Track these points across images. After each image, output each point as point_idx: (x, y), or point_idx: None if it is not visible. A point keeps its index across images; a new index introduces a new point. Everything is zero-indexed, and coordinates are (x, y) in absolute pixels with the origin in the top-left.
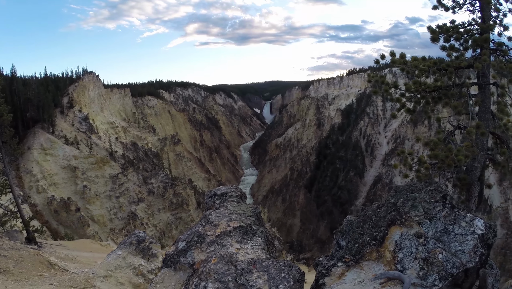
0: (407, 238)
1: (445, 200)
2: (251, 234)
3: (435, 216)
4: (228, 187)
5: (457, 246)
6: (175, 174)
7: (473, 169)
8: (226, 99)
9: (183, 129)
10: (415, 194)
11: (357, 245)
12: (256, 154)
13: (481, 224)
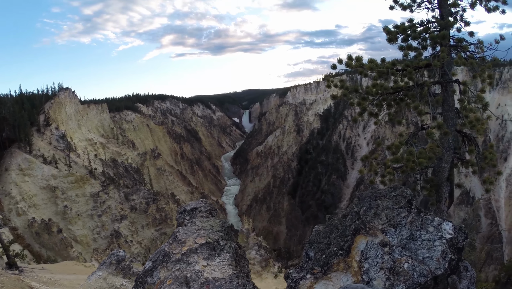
0: (372, 247)
1: (410, 205)
2: (219, 249)
3: (400, 222)
4: (198, 202)
5: (425, 253)
6: (157, 189)
7: (441, 170)
8: (204, 110)
9: (162, 142)
10: (377, 201)
11: (324, 256)
12: (237, 164)
13: (449, 227)
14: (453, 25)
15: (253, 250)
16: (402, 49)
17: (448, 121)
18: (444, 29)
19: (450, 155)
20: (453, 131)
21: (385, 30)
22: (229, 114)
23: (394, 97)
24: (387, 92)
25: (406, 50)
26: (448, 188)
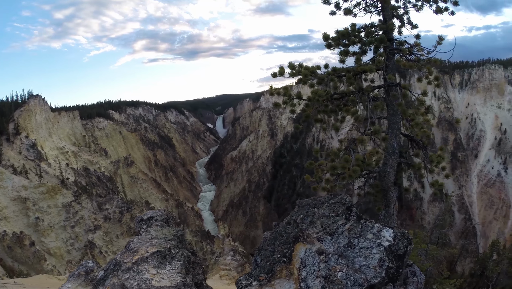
0: (310, 255)
1: (349, 212)
2: (170, 258)
3: (337, 230)
4: (155, 211)
5: (362, 261)
6: (130, 197)
7: (386, 174)
8: (178, 116)
9: (136, 150)
10: (314, 209)
11: (269, 263)
12: (212, 169)
13: (389, 234)
14: (393, 28)
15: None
16: (341, 55)
17: (392, 126)
18: (385, 32)
19: (395, 160)
20: (398, 136)
21: (323, 36)
22: (202, 120)
23: (337, 103)
24: (328, 99)
25: (342, 56)
26: (397, 192)
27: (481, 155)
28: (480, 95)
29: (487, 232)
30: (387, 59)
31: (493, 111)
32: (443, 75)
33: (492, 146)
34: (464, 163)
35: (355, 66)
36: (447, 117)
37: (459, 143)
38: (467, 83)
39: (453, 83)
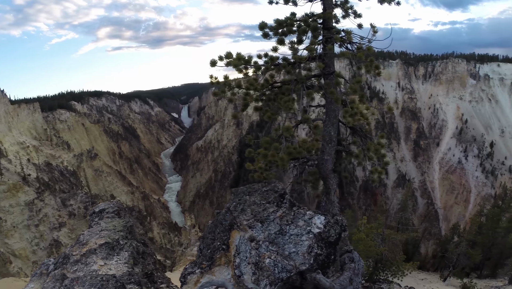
0: (243, 242)
1: (282, 199)
2: (118, 249)
3: (268, 217)
4: (107, 203)
5: (291, 248)
6: (95, 191)
7: (323, 162)
8: (142, 106)
9: (99, 142)
10: (246, 197)
11: (209, 251)
12: (178, 160)
13: (320, 221)
14: (332, 16)
15: (195, 246)
16: (277, 44)
17: (330, 114)
18: (324, 21)
19: (332, 147)
20: (336, 124)
21: (259, 25)
22: (167, 109)
23: (275, 92)
24: (267, 87)
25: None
26: (336, 180)
27: (442, 143)
28: (443, 87)
29: (449, 216)
30: (324, 48)
31: (455, 102)
32: (408, 67)
33: (453, 134)
34: (426, 150)
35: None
36: (410, 107)
37: (422, 132)
38: (431, 75)
39: (417, 75)
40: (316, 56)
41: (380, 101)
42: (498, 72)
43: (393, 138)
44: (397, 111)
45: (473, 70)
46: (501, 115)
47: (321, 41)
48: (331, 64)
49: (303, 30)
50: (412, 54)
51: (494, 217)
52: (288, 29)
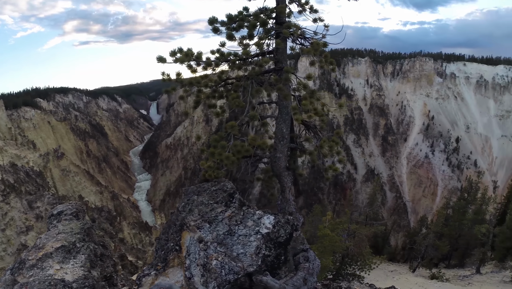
0: (193, 244)
1: (231, 198)
2: (75, 252)
3: (216, 218)
4: (65, 205)
5: (240, 249)
6: (63, 192)
7: (276, 160)
8: (110, 103)
9: (66, 140)
10: (194, 197)
11: (163, 252)
12: (147, 158)
13: (269, 221)
14: (284, 11)
15: None
16: (227, 39)
17: (282, 110)
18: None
19: (285, 145)
20: (288, 120)
21: (209, 20)
22: (136, 106)
23: (227, 88)
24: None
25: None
26: (291, 177)
27: (410, 139)
28: (410, 84)
29: (417, 208)
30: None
31: (422, 99)
32: (376, 65)
33: (420, 130)
34: (394, 146)
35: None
36: (378, 104)
37: (390, 128)
38: (399, 73)
39: (386, 73)
40: (265, 52)
41: (349, 98)
42: (464, 71)
43: (361, 134)
44: (366, 108)
45: (440, 69)
46: (466, 112)
47: (272, 36)
48: (283, 59)
49: (252, 25)
50: (381, 53)
51: (460, 209)
52: (239, 24)
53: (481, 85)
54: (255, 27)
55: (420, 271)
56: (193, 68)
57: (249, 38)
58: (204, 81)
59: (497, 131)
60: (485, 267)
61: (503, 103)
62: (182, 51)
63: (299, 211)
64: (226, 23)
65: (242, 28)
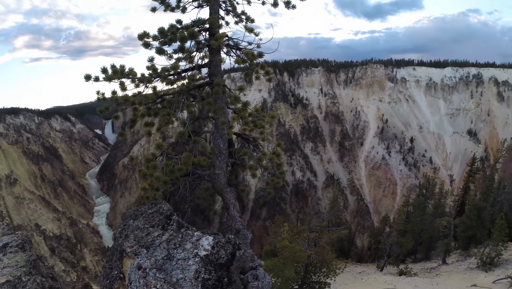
0: (132, 271)
1: (169, 220)
2: (21, 287)
3: (154, 242)
4: (10, 236)
5: (179, 274)
6: (18, 221)
7: (216, 177)
8: (63, 123)
9: (18, 165)
10: (130, 221)
11: (108, 281)
12: (104, 180)
13: (208, 242)
14: (216, 22)
15: None
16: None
17: (218, 126)
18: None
19: (223, 160)
20: (224, 135)
21: (139, 35)
22: (90, 126)
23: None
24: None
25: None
26: (234, 194)
27: (366, 143)
28: (363, 90)
29: (379, 209)
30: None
31: (375, 104)
32: (330, 74)
33: (375, 134)
34: (351, 150)
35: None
36: (333, 111)
37: (346, 134)
38: (352, 81)
39: (339, 81)
40: (200, 65)
41: (304, 107)
42: (414, 75)
43: (318, 142)
44: (321, 116)
45: (391, 74)
46: (418, 113)
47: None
48: (217, 72)
49: (182, 38)
50: (333, 62)
51: (420, 205)
52: (170, 37)
53: (431, 87)
54: (184, 40)
55: (388, 269)
56: (124, 86)
57: (181, 52)
58: (139, 98)
59: (448, 128)
60: (450, 257)
61: (453, 102)
62: (115, 67)
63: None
64: (158, 37)
65: (174, 41)
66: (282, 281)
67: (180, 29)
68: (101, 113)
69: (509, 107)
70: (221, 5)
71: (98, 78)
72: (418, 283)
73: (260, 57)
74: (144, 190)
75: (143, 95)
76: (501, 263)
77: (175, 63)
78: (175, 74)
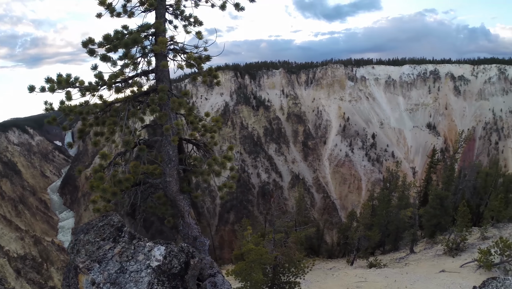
0: (87, 287)
1: (120, 232)
2: None
3: (105, 256)
4: None
5: (133, 287)
6: None
7: (167, 185)
8: (21, 136)
9: None
10: (81, 236)
11: None
12: (67, 193)
13: (160, 253)
14: (161, 26)
15: None
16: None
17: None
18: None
19: (173, 168)
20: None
21: (83, 43)
22: (49, 137)
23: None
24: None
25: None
26: (188, 201)
27: (329, 141)
28: (324, 90)
29: (345, 204)
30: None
31: (336, 103)
32: (291, 75)
33: (338, 132)
34: (315, 149)
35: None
36: (295, 112)
37: (309, 133)
38: (312, 81)
39: (300, 82)
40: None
41: (266, 109)
42: (373, 73)
43: (282, 143)
44: (284, 117)
45: (351, 74)
46: (378, 110)
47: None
48: (164, 78)
49: (125, 44)
50: (294, 63)
51: (385, 198)
52: (114, 44)
53: (390, 84)
54: (128, 46)
55: (358, 263)
56: (70, 96)
57: (126, 58)
58: (87, 108)
59: (408, 123)
60: (418, 246)
61: (411, 98)
62: (61, 76)
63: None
64: (103, 44)
65: (120, 48)
66: (251, 285)
67: (127, 34)
68: (48, 124)
69: (465, 100)
70: (167, 9)
71: (44, 88)
72: (388, 274)
73: (207, 61)
74: (94, 202)
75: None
76: (467, 247)
77: (120, 70)
78: (123, 82)
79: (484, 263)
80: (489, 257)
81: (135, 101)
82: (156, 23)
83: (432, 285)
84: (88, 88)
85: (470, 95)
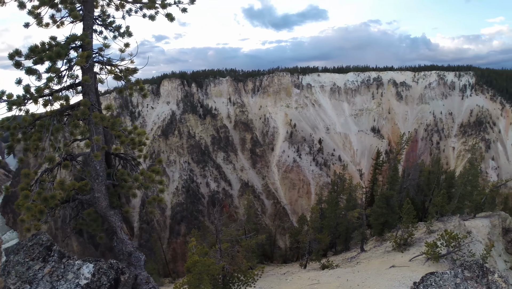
0: None
1: (50, 252)
2: None
3: (35, 276)
4: None
5: None
6: None
7: (97, 200)
8: None
9: None
10: (11, 256)
11: None
12: (9, 212)
13: (88, 270)
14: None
15: None
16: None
17: (93, 147)
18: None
19: (101, 183)
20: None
21: (9, 55)
22: None
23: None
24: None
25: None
26: (119, 216)
27: (277, 148)
28: (271, 98)
29: (296, 209)
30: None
31: (283, 110)
32: (237, 83)
33: (285, 138)
34: (263, 156)
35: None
36: (243, 120)
37: (256, 141)
38: (259, 89)
39: (247, 90)
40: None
41: (213, 117)
42: (318, 81)
43: (230, 151)
44: (231, 125)
45: (297, 81)
46: (324, 116)
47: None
48: (90, 91)
49: (49, 57)
50: (241, 71)
51: (333, 201)
52: (39, 56)
53: (335, 91)
54: (52, 59)
55: (311, 265)
56: None
57: (51, 72)
58: (15, 123)
59: (353, 128)
60: (367, 245)
61: (356, 104)
62: None
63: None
64: (30, 56)
65: (45, 60)
66: None
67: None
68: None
69: (407, 105)
70: (96, 20)
71: None
72: (340, 274)
73: (134, 73)
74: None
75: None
76: (414, 242)
77: (45, 84)
78: (50, 95)
79: (431, 255)
80: (436, 249)
81: (62, 116)
82: (82, 35)
83: (383, 280)
84: (15, 102)
85: (411, 100)
